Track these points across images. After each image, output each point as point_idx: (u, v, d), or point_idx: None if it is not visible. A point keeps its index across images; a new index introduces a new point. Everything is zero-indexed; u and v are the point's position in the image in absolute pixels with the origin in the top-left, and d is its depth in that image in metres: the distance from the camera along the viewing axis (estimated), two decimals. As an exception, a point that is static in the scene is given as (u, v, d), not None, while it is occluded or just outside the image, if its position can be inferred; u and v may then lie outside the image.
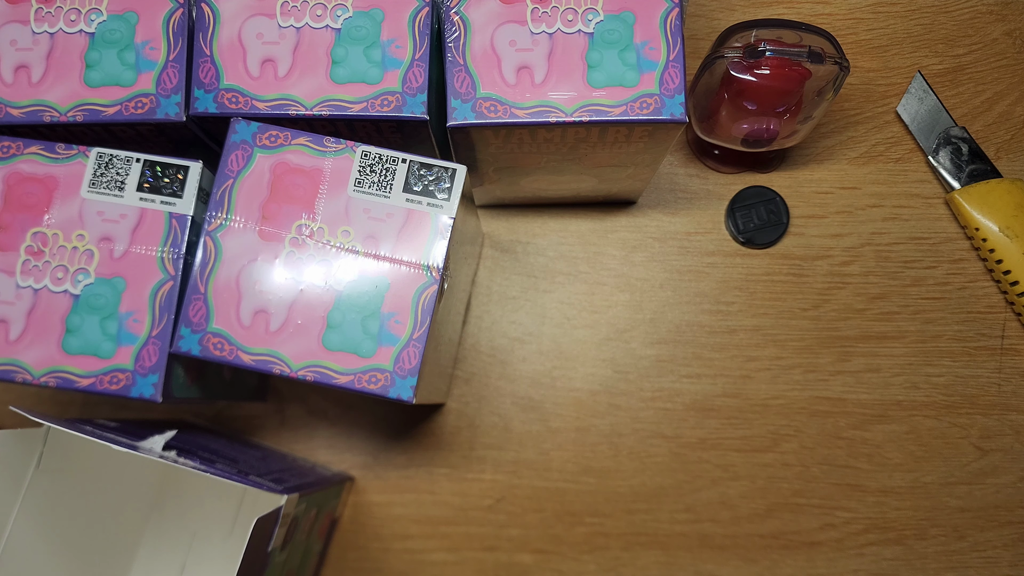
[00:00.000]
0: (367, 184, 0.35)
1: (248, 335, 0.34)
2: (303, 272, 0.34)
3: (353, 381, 0.34)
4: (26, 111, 0.37)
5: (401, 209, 0.35)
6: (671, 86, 0.36)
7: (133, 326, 0.35)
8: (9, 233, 0.36)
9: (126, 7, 0.38)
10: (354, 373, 0.34)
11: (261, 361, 0.34)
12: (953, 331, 0.50)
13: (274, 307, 0.34)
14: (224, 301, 0.34)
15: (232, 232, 0.35)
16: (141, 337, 0.35)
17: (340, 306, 0.34)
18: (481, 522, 0.49)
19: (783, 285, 0.50)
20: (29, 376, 0.35)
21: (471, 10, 0.37)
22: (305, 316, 0.34)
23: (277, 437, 0.50)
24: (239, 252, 0.35)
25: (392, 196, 0.35)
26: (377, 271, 0.35)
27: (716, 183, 0.52)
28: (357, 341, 0.34)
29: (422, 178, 0.35)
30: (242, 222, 0.35)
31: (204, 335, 0.34)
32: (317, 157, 0.35)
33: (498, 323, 0.51)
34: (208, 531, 0.47)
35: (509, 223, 0.52)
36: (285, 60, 0.37)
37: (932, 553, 0.48)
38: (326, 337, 0.34)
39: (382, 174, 0.35)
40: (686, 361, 0.50)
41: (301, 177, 0.35)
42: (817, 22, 0.53)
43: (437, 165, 0.35)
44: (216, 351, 0.34)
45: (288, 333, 0.34)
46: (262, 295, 0.34)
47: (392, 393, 0.34)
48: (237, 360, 0.34)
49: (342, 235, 0.35)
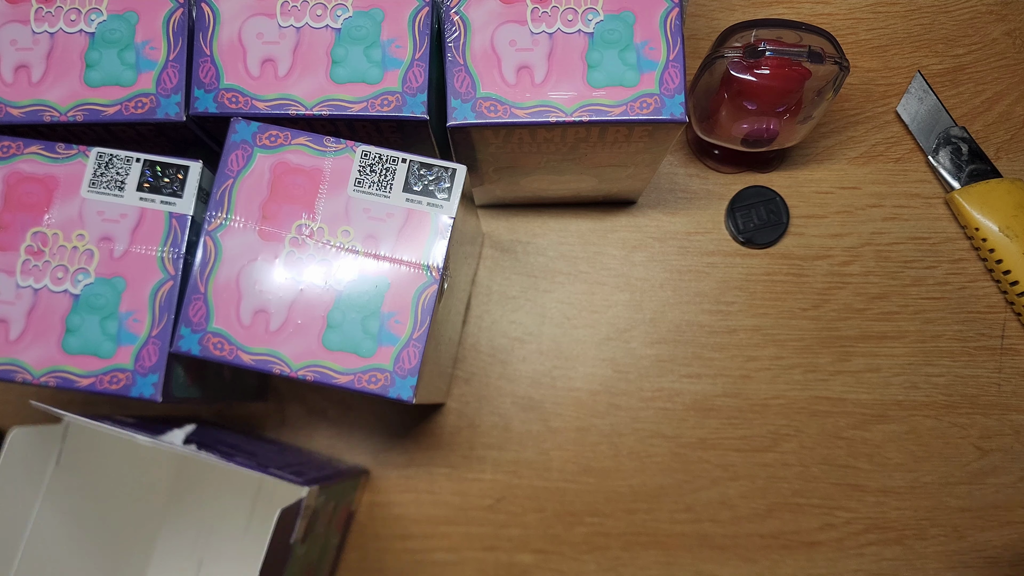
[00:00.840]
0: (367, 184, 0.35)
1: (248, 335, 0.34)
2: (303, 272, 0.34)
3: (353, 381, 0.34)
4: (26, 111, 0.37)
5: (401, 209, 0.35)
6: (671, 86, 0.36)
7: (133, 326, 0.35)
8: (9, 233, 0.36)
9: (126, 7, 0.38)
10: (354, 373, 0.34)
11: (261, 361, 0.34)
12: (953, 331, 0.50)
13: (274, 307, 0.34)
14: (224, 301, 0.34)
15: (232, 232, 0.35)
16: (141, 337, 0.35)
17: (340, 306, 0.34)
18: (481, 522, 0.49)
19: (783, 285, 0.51)
20: (29, 376, 0.35)
21: (471, 10, 0.37)
22: (305, 316, 0.34)
23: (277, 437, 0.50)
24: (239, 252, 0.35)
25: (392, 196, 0.35)
26: (377, 271, 0.35)
27: (716, 183, 0.52)
28: (357, 341, 0.34)
29: (422, 178, 0.35)
30: (242, 222, 0.35)
31: (204, 335, 0.34)
32: (317, 157, 0.35)
33: (498, 323, 0.51)
34: (224, 526, 0.48)
35: (509, 223, 0.52)
36: (285, 60, 0.37)
37: (932, 553, 0.48)
38: (326, 337, 0.34)
39: (382, 174, 0.35)
40: (686, 361, 0.50)
41: (301, 177, 0.35)
42: (817, 22, 0.53)
43: (437, 165, 0.35)
44: (216, 351, 0.34)
45: (288, 333, 0.34)
46: (262, 295, 0.34)
47: (392, 393, 0.34)
48: (237, 360, 0.34)
49: (342, 235, 0.35)
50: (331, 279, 0.34)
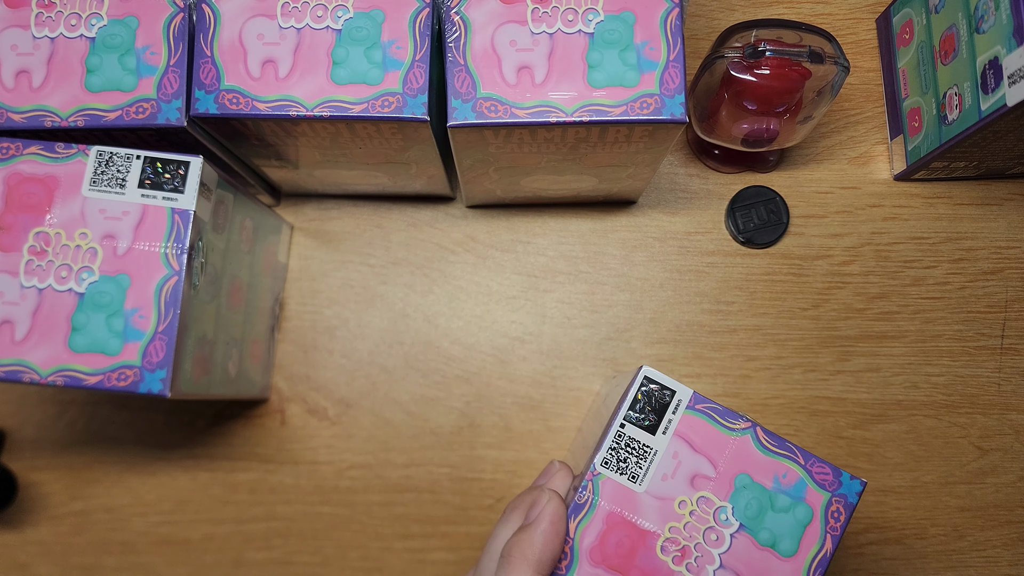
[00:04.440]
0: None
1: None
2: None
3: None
4: (27, 116, 0.37)
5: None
6: (671, 86, 0.36)
7: (139, 322, 0.35)
8: (11, 234, 0.36)
9: (127, 12, 0.38)
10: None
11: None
12: (953, 331, 0.50)
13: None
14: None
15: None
16: (148, 333, 0.35)
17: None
18: (481, 521, 0.49)
19: (783, 285, 0.51)
20: (36, 376, 0.35)
21: (471, 10, 0.37)
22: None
23: (277, 436, 0.50)
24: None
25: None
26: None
27: (716, 183, 0.52)
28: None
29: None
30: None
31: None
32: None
33: (498, 323, 0.51)
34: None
35: (509, 223, 0.52)
36: (286, 61, 0.37)
37: (932, 553, 0.48)
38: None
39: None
40: (686, 361, 0.50)
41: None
42: (817, 22, 0.53)
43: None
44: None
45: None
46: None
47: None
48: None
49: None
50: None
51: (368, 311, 0.51)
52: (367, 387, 0.50)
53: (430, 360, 0.50)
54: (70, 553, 0.49)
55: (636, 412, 0.32)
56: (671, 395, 0.32)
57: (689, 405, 0.32)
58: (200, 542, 0.49)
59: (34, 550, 0.49)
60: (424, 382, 0.50)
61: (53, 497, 0.50)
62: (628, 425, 0.32)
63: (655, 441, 0.32)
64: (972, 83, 0.42)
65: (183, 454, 0.50)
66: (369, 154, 0.42)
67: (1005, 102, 0.39)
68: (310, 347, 0.51)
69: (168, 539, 0.49)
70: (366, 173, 0.46)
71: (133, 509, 0.50)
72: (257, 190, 0.49)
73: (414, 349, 0.51)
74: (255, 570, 0.49)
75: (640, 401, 0.33)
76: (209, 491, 0.50)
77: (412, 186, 0.48)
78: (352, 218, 0.52)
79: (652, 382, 0.33)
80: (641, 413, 0.32)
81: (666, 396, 0.32)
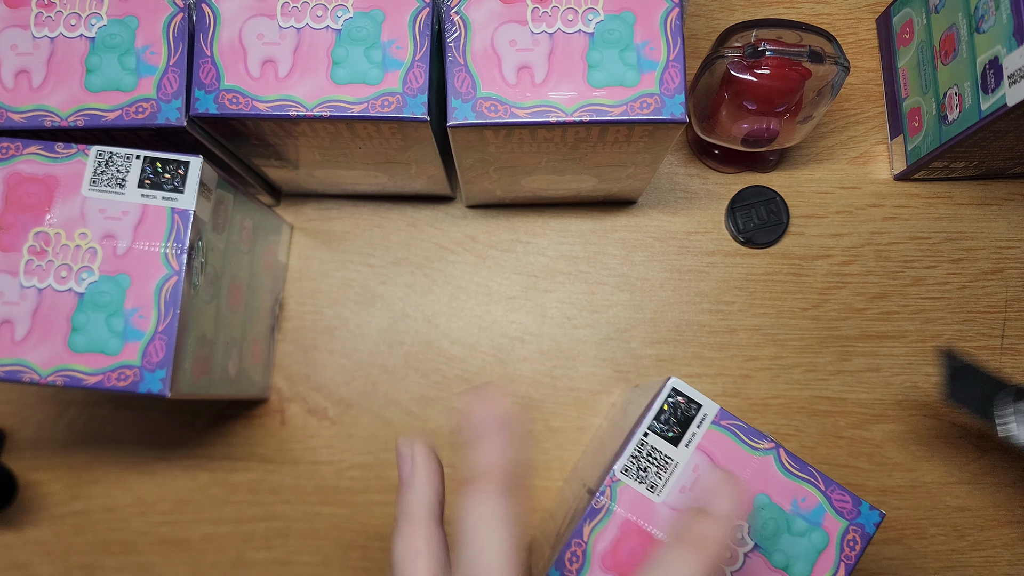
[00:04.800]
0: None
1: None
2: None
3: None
4: (27, 116, 0.37)
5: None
6: (671, 86, 0.36)
7: (139, 322, 0.35)
8: (11, 233, 0.36)
9: (126, 11, 0.38)
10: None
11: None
12: (953, 331, 0.50)
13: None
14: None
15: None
16: (147, 333, 0.35)
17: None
18: (482, 522, 0.49)
19: (783, 285, 0.51)
20: (36, 376, 0.35)
21: (471, 10, 0.37)
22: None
23: (277, 436, 0.50)
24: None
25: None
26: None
27: (716, 183, 0.52)
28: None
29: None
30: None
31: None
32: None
33: (498, 323, 0.51)
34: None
35: (509, 223, 0.52)
36: (286, 61, 0.37)
37: (932, 553, 0.48)
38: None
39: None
40: (686, 361, 0.50)
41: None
42: (817, 22, 0.53)
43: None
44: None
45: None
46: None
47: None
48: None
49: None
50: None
51: (368, 311, 0.51)
52: (367, 387, 0.50)
53: (430, 360, 0.50)
54: (70, 553, 0.49)
55: (661, 423, 0.32)
56: (697, 408, 0.33)
57: (715, 420, 0.32)
58: (200, 542, 0.49)
59: (34, 550, 0.49)
60: (424, 382, 0.50)
61: (53, 497, 0.50)
62: (651, 435, 0.32)
63: (677, 453, 0.32)
64: (972, 83, 0.42)
65: (183, 454, 0.50)
66: (369, 154, 0.42)
67: (1005, 102, 0.39)
68: (310, 347, 0.51)
69: (168, 539, 0.49)
70: (366, 173, 0.46)
71: (133, 509, 0.50)
72: (257, 190, 0.49)
73: (414, 349, 0.51)
74: (255, 570, 0.49)
75: (666, 412, 0.33)
76: (209, 491, 0.50)
77: (412, 186, 0.48)
78: (352, 218, 0.52)
79: (679, 394, 0.33)
80: (666, 424, 0.32)
81: (692, 409, 0.33)
